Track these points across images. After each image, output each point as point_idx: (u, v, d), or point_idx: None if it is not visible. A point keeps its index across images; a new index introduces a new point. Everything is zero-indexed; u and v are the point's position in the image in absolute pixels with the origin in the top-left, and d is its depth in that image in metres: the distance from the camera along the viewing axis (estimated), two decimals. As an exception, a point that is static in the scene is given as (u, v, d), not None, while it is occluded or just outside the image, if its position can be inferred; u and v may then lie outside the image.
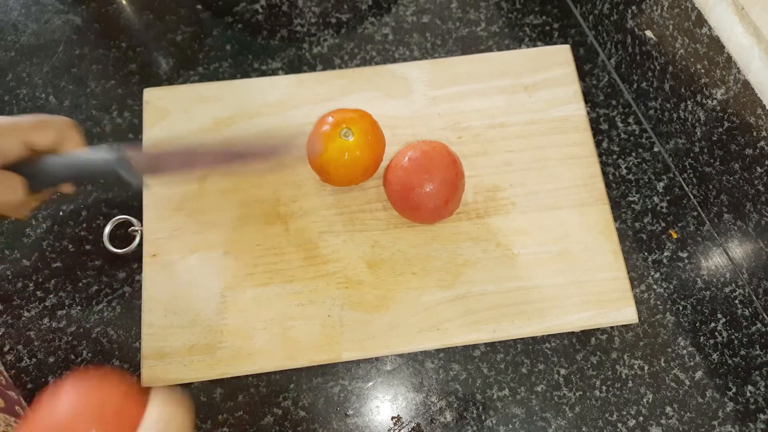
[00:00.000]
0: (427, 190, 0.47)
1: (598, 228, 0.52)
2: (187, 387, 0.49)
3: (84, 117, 0.58)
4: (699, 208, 0.55)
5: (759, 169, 0.46)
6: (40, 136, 0.42)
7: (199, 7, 0.63)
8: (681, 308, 0.52)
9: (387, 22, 0.62)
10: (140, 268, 0.51)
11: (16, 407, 0.42)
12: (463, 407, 0.49)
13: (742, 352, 0.50)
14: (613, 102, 0.59)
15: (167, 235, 0.51)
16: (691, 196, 0.55)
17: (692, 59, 0.49)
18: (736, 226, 0.51)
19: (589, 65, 0.60)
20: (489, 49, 0.61)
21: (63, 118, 0.45)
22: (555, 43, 0.61)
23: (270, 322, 0.48)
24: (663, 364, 0.50)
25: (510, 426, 0.48)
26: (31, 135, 0.42)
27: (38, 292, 0.52)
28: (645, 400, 0.49)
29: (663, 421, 0.48)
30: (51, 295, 0.52)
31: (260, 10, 0.63)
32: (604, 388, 0.49)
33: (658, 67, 0.54)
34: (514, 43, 0.61)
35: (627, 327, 0.51)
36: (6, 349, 0.50)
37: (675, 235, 0.54)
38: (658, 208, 0.55)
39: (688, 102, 0.51)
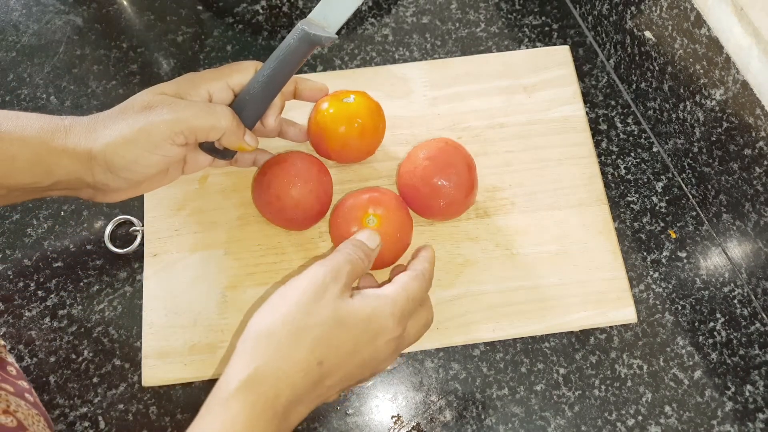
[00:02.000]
0: (453, 181, 0.47)
1: (597, 228, 0.52)
2: (188, 386, 0.49)
3: (85, 117, 0.58)
4: (698, 208, 0.55)
5: (758, 169, 0.46)
6: (239, 77, 0.44)
7: (199, 7, 0.63)
8: (680, 308, 0.52)
9: (387, 23, 0.62)
10: (141, 267, 0.51)
11: (26, 395, 0.42)
12: (463, 406, 0.49)
13: (741, 352, 0.50)
14: (612, 102, 0.59)
15: (168, 234, 0.51)
16: (690, 196, 0.56)
17: (691, 60, 0.49)
18: (735, 226, 0.51)
19: (589, 66, 0.61)
20: (488, 50, 0.61)
21: (255, 61, 0.46)
22: (554, 44, 0.61)
23: (270, 321, 0.48)
24: (662, 364, 0.50)
25: (509, 425, 0.48)
26: (232, 77, 0.44)
27: (39, 292, 0.52)
28: (644, 399, 0.49)
29: (662, 421, 0.48)
30: (52, 295, 0.52)
31: (261, 10, 0.63)
32: (603, 387, 0.49)
33: (657, 68, 0.54)
34: (513, 43, 0.62)
35: (626, 326, 0.51)
36: (7, 348, 0.50)
37: (674, 235, 0.54)
38: (657, 208, 0.55)
39: (687, 102, 0.51)
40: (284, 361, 0.34)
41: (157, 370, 0.47)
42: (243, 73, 0.45)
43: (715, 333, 0.51)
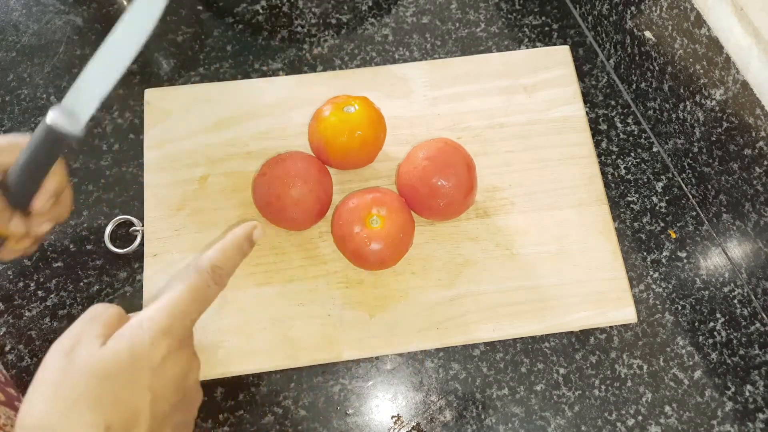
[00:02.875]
0: (452, 181, 0.47)
1: (597, 228, 0.52)
2: (187, 386, 0.49)
3: (85, 117, 0.58)
4: (698, 208, 0.55)
5: (758, 169, 0.46)
6: (7, 157, 0.41)
7: (199, 7, 0.63)
8: (680, 308, 0.52)
9: (387, 23, 0.62)
10: (141, 267, 0.51)
11: (16, 403, 0.42)
12: (463, 406, 0.49)
13: (741, 352, 0.50)
14: (612, 102, 0.59)
15: (168, 234, 0.51)
16: (690, 196, 0.56)
17: (691, 60, 0.49)
18: (735, 226, 0.51)
19: (589, 66, 0.61)
20: (488, 50, 0.61)
21: (18, 140, 0.42)
22: (554, 44, 0.61)
23: (270, 321, 0.48)
24: (662, 364, 0.50)
25: (509, 425, 0.48)
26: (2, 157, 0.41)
27: (39, 292, 0.52)
28: (644, 399, 0.49)
29: (662, 421, 0.48)
30: (52, 295, 0.52)
31: (261, 10, 0.63)
32: (603, 387, 0.49)
33: (657, 68, 0.54)
34: (513, 43, 0.62)
35: (626, 326, 0.51)
36: (7, 348, 0.50)
37: (674, 235, 0.54)
38: (657, 208, 0.55)
39: (687, 102, 0.51)
40: None
41: (157, 370, 0.47)
42: (5, 154, 0.41)
43: (715, 333, 0.51)
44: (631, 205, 0.55)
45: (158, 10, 0.41)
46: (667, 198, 0.56)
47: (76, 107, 0.41)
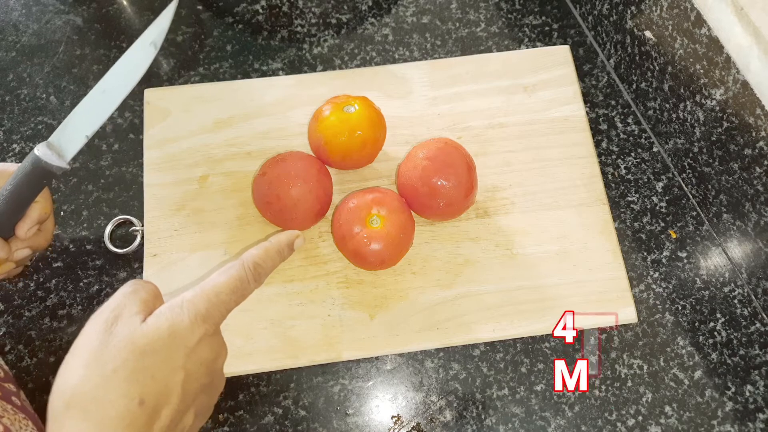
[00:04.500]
0: (452, 181, 0.47)
1: (597, 228, 0.52)
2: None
3: (85, 117, 0.58)
4: (698, 207, 0.55)
5: (758, 169, 0.46)
6: None
7: (199, 7, 0.63)
8: (680, 308, 0.52)
9: (387, 23, 0.62)
10: (141, 267, 0.51)
11: (13, 398, 0.42)
12: (463, 406, 0.49)
13: (741, 352, 0.50)
14: (613, 102, 0.59)
15: (168, 234, 0.51)
16: (690, 196, 0.56)
17: (691, 59, 0.49)
18: (735, 226, 0.51)
19: (589, 65, 0.61)
20: (489, 50, 0.61)
21: (4, 169, 0.44)
22: (554, 44, 0.61)
23: (270, 321, 0.48)
24: (662, 364, 0.50)
25: (509, 425, 0.48)
26: None
27: (39, 292, 0.52)
28: (644, 399, 0.49)
29: (662, 421, 0.48)
30: (52, 295, 0.52)
31: (261, 10, 0.63)
32: (603, 387, 0.49)
33: (657, 68, 0.54)
34: (513, 43, 0.62)
35: (626, 326, 0.51)
36: (7, 348, 0.50)
37: (674, 235, 0.54)
38: (657, 208, 0.55)
39: (687, 102, 0.51)
40: (99, 427, 0.31)
41: (157, 370, 0.47)
42: None
43: (716, 333, 0.51)
44: (632, 205, 0.55)
45: (148, 61, 0.45)
46: (667, 198, 0.56)
47: (63, 143, 0.44)
